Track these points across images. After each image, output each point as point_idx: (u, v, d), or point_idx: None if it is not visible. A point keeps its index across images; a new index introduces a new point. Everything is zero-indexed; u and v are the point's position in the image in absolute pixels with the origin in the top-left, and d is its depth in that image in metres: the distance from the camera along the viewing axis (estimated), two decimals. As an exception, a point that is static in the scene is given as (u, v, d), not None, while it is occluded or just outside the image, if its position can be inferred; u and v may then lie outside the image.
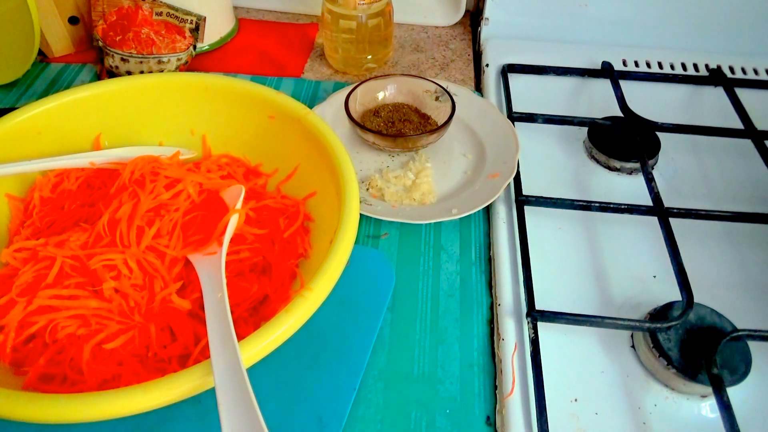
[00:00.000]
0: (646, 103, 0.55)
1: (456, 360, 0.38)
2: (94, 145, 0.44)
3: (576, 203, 0.45)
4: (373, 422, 0.35)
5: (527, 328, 0.38)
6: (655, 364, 0.36)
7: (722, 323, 0.37)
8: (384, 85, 0.54)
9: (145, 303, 0.35)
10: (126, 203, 0.37)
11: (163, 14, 0.57)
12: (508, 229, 0.45)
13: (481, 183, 0.47)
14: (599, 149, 0.51)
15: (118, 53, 0.55)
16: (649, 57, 0.62)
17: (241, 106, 0.44)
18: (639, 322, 0.37)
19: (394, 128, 0.52)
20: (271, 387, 0.35)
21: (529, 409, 0.35)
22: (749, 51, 0.63)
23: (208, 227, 0.39)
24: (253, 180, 0.44)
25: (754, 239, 0.45)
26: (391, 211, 0.45)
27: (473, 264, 0.44)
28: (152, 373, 0.32)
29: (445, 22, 0.69)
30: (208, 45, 0.63)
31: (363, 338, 0.37)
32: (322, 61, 0.63)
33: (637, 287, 0.42)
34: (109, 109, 0.44)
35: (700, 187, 0.50)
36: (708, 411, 0.35)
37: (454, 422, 0.35)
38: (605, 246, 0.44)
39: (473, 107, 0.54)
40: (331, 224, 0.35)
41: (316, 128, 0.40)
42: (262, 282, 0.37)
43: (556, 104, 0.57)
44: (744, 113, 0.54)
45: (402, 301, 0.41)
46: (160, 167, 0.40)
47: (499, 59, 0.62)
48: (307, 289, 0.30)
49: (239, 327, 0.35)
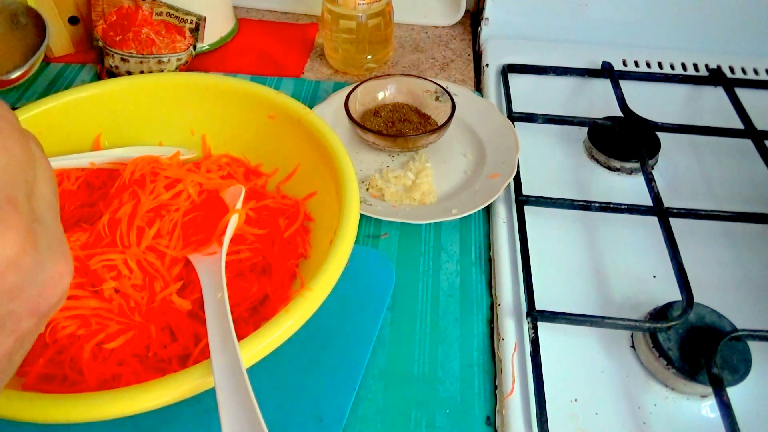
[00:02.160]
0: (646, 103, 0.55)
1: (456, 360, 0.38)
2: (94, 145, 0.44)
3: (576, 203, 0.45)
4: (373, 422, 0.35)
5: (527, 328, 0.38)
6: (655, 364, 0.36)
7: (722, 323, 0.37)
8: (384, 85, 0.54)
9: (145, 303, 0.35)
10: (126, 203, 0.37)
11: (163, 14, 0.57)
12: (508, 229, 0.45)
13: (481, 183, 0.47)
14: (599, 149, 0.51)
15: (118, 53, 0.55)
16: (649, 57, 0.62)
17: (241, 106, 0.44)
18: (639, 322, 0.37)
19: (394, 128, 0.52)
20: (271, 387, 0.35)
21: (529, 409, 0.35)
22: (749, 51, 0.63)
23: (208, 227, 0.39)
24: (253, 180, 0.44)
25: (754, 239, 0.45)
26: (391, 211, 0.45)
27: (473, 264, 0.44)
28: (152, 373, 0.32)
29: (445, 22, 0.69)
30: (208, 45, 0.63)
31: (363, 338, 0.37)
32: (322, 61, 0.63)
33: (637, 287, 0.42)
34: (109, 109, 0.44)
35: (700, 187, 0.50)
36: (708, 411, 0.35)
37: (454, 422, 0.35)
38: (605, 246, 0.44)
39: (473, 107, 0.54)
40: (331, 224, 0.35)
41: (316, 128, 0.40)
42: (262, 282, 0.37)
43: (556, 104, 0.57)
44: (744, 113, 0.54)
45: (402, 301, 0.41)
46: (160, 167, 0.40)
47: (499, 59, 0.62)
48: (307, 289, 0.30)
49: (239, 327, 0.35)
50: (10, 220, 0.17)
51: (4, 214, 0.17)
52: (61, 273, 0.20)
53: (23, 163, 0.19)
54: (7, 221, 0.17)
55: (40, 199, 0.20)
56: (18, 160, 0.18)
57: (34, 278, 0.18)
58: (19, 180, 0.18)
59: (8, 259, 0.17)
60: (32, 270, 0.18)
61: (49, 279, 0.19)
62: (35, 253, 0.18)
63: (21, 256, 0.17)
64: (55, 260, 0.19)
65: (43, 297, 0.19)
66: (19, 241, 0.17)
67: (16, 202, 0.18)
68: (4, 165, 0.18)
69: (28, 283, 0.18)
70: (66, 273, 0.20)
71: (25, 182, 0.19)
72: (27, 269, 0.18)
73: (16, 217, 0.18)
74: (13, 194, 0.18)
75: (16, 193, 0.18)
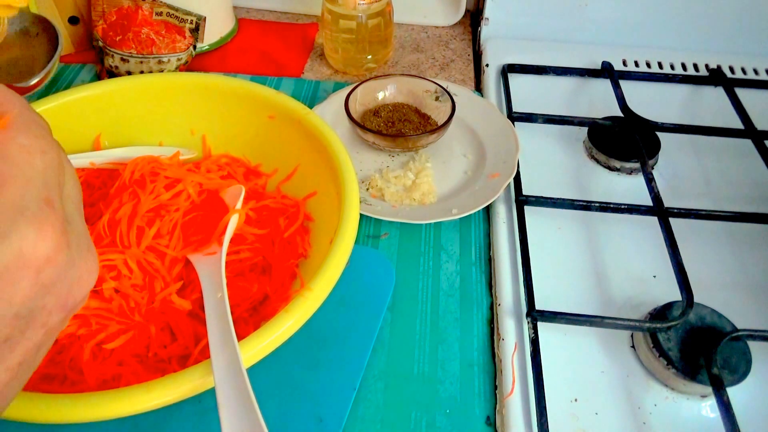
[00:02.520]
0: (646, 103, 0.55)
1: (456, 360, 0.38)
2: (94, 145, 0.44)
3: (576, 203, 0.45)
4: (373, 422, 0.35)
5: (527, 328, 0.38)
6: (655, 364, 0.36)
7: (722, 323, 0.37)
8: (384, 85, 0.54)
9: (145, 303, 0.35)
10: (126, 203, 0.37)
11: (163, 14, 0.57)
12: (508, 229, 0.45)
13: (481, 183, 0.47)
14: (599, 149, 0.51)
15: (118, 53, 0.55)
16: (649, 57, 0.62)
17: (241, 106, 0.44)
18: (639, 322, 0.37)
19: (394, 128, 0.52)
20: (271, 387, 0.35)
21: (529, 409, 0.35)
22: (749, 51, 0.63)
23: (208, 227, 0.39)
24: (253, 180, 0.44)
25: (754, 239, 0.45)
26: (391, 211, 0.45)
27: (473, 264, 0.44)
28: (152, 373, 0.32)
29: (445, 22, 0.69)
30: (208, 45, 0.63)
31: (363, 338, 0.37)
32: (322, 61, 0.63)
33: (637, 287, 0.42)
34: (109, 109, 0.44)
35: (700, 187, 0.50)
36: (708, 411, 0.35)
37: (454, 422, 0.35)
38: (605, 246, 0.44)
39: (473, 107, 0.54)
40: (331, 224, 0.35)
41: (316, 128, 0.40)
42: (262, 282, 0.37)
43: (556, 104, 0.57)
44: (744, 113, 0.54)
45: (402, 301, 0.41)
46: (160, 167, 0.40)
47: (499, 59, 0.62)
48: (307, 289, 0.30)
49: (239, 327, 0.35)
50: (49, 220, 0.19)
51: (44, 215, 0.18)
52: (90, 271, 0.21)
53: (57, 166, 0.20)
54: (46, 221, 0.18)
55: (68, 200, 0.21)
56: (53, 163, 0.20)
57: (66, 275, 0.19)
58: (53, 182, 0.20)
59: (47, 255, 0.18)
60: (65, 267, 0.19)
61: (78, 276, 0.20)
62: (68, 251, 0.19)
63: (57, 254, 0.19)
64: (84, 258, 0.21)
65: (72, 293, 0.20)
66: (56, 239, 0.19)
67: (53, 203, 0.19)
68: (42, 168, 0.19)
69: (60, 279, 0.19)
70: (93, 271, 0.21)
71: (58, 184, 0.20)
72: (61, 266, 0.19)
73: (54, 217, 0.19)
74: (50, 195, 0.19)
75: (52, 194, 0.19)
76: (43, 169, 0.19)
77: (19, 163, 0.18)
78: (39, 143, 0.19)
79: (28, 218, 0.18)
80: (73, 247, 0.20)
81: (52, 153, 0.20)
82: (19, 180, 0.18)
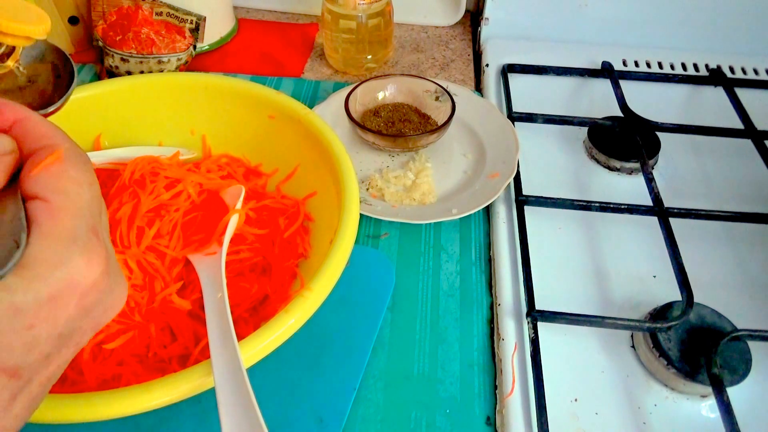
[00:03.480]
0: (646, 103, 0.55)
1: (456, 360, 0.38)
2: (94, 145, 0.44)
3: (576, 203, 0.45)
4: (373, 422, 0.35)
5: (527, 328, 0.38)
6: (655, 364, 0.36)
7: (722, 323, 0.37)
8: (384, 85, 0.54)
9: (145, 303, 0.35)
10: (126, 203, 0.37)
11: (163, 14, 0.57)
12: (508, 229, 0.45)
13: (481, 183, 0.47)
14: (599, 149, 0.51)
15: (118, 53, 0.55)
16: (649, 57, 0.62)
17: (240, 106, 0.44)
18: (639, 322, 0.37)
19: (394, 128, 0.52)
20: (271, 387, 0.35)
21: (529, 409, 0.35)
22: (749, 51, 0.63)
23: (208, 227, 0.39)
24: (253, 180, 0.44)
25: (754, 239, 0.45)
26: (391, 211, 0.45)
27: (473, 264, 0.44)
28: (152, 373, 0.32)
29: (445, 22, 0.69)
30: (208, 45, 0.63)
31: (363, 338, 0.37)
32: (322, 61, 0.63)
33: (637, 287, 0.42)
34: (109, 109, 0.44)
35: (700, 187, 0.50)
36: (708, 411, 0.35)
37: (454, 422, 0.35)
38: (605, 246, 0.44)
39: (473, 107, 0.54)
40: (331, 224, 0.35)
41: (316, 128, 0.40)
42: (262, 282, 0.37)
43: (556, 104, 0.57)
44: (744, 113, 0.54)
45: (402, 301, 0.41)
46: (160, 167, 0.40)
47: (499, 59, 0.62)
48: (307, 289, 0.30)
49: (239, 327, 0.35)
50: (96, 249, 0.20)
51: (92, 244, 0.20)
52: (122, 295, 0.23)
53: (99, 197, 0.22)
54: (94, 250, 0.20)
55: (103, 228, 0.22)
56: (97, 194, 0.21)
57: (104, 299, 0.21)
58: (97, 212, 0.21)
59: (94, 281, 0.20)
60: (105, 292, 0.21)
61: (112, 300, 0.22)
62: (108, 278, 0.21)
63: (101, 280, 0.20)
64: (119, 284, 0.22)
65: (105, 316, 0.22)
66: (102, 267, 0.20)
67: (98, 233, 0.21)
68: (89, 199, 0.21)
69: (100, 303, 0.21)
70: (124, 296, 0.23)
71: (100, 213, 0.22)
72: (103, 291, 0.21)
73: (99, 246, 0.20)
74: (96, 225, 0.21)
75: (97, 223, 0.21)
76: (90, 200, 0.21)
77: (71, 195, 0.20)
78: (86, 176, 0.21)
79: (80, 247, 0.19)
80: (112, 274, 0.21)
81: (96, 185, 0.21)
82: (72, 211, 0.20)
